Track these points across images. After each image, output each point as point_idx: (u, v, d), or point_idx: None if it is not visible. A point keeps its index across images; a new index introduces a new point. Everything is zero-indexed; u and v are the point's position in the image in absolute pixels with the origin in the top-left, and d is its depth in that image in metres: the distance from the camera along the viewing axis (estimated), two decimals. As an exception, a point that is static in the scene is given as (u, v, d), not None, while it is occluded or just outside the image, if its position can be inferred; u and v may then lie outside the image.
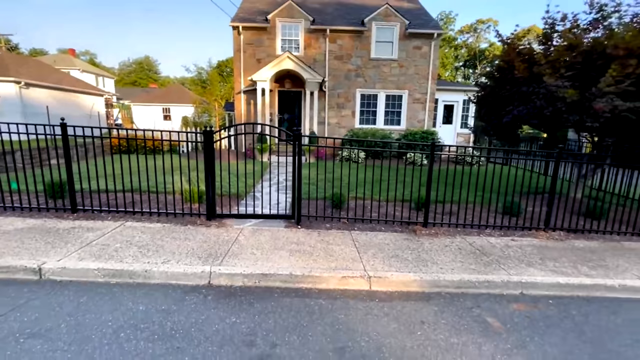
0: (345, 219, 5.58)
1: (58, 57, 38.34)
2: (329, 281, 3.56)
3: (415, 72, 14.45)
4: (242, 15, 14.21)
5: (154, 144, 6.19)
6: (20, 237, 4.14)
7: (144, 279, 3.45)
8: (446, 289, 3.60)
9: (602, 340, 2.86)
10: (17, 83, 15.45)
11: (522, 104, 6.10)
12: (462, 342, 2.71)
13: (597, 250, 4.85)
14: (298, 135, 4.98)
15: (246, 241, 4.44)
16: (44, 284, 3.31)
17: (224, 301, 3.16)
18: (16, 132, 5.10)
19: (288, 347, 2.54)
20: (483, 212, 5.87)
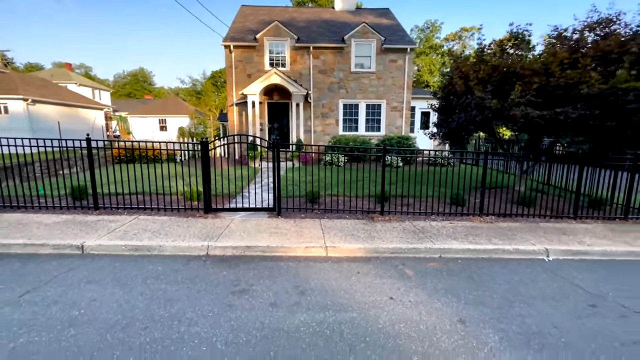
0: (317, 210, 6.85)
1: (55, 72, 39.52)
2: (296, 250, 4.82)
3: (392, 83, 15.90)
4: (232, 35, 15.61)
5: (154, 154, 7.45)
6: (60, 227, 5.36)
7: (158, 251, 4.69)
8: (383, 254, 4.87)
9: (482, 281, 4.13)
10: (25, 100, 16.64)
11: (462, 113, 7.46)
12: (382, 282, 3.97)
13: (515, 229, 6.15)
14: (276, 144, 6.28)
15: (236, 227, 5.69)
16: (86, 256, 4.53)
17: (218, 263, 4.40)
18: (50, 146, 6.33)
19: (261, 286, 3.79)
20: (435, 203, 7.19)
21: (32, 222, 5.57)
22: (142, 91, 70.18)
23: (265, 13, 18.43)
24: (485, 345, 2.81)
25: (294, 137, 15.17)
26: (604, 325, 3.20)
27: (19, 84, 17.59)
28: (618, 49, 6.26)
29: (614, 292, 3.90)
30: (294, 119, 15.25)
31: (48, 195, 7.26)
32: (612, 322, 3.26)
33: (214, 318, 3.10)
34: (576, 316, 3.35)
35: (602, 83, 5.99)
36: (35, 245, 4.65)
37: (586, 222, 6.72)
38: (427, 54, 50.45)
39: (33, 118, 17.09)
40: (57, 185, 7.23)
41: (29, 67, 61.59)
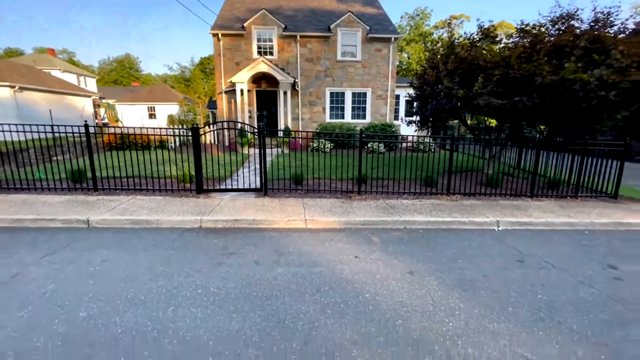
0: (301, 191, 7.51)
1: (37, 57, 38.55)
2: (279, 223, 5.49)
3: (377, 71, 16.43)
4: (220, 23, 15.82)
5: (147, 140, 7.94)
6: (64, 205, 5.90)
7: (156, 225, 5.30)
8: (355, 226, 5.58)
9: (436, 246, 4.88)
10: (12, 87, 16.64)
11: (434, 101, 8.13)
12: (350, 247, 4.68)
13: (475, 205, 6.93)
14: (262, 130, 6.86)
15: (225, 205, 6.32)
16: (91, 229, 5.12)
17: (210, 234, 5.04)
18: (44, 132, 6.78)
19: (247, 250, 4.45)
20: (409, 184, 7.92)
21: (37, 202, 6.10)
22: (129, 78, 68.85)
23: (253, 1, 18.56)
24: (424, 288, 3.55)
25: (282, 125, 15.67)
26: (523, 274, 3.97)
27: (5, 70, 17.51)
28: (570, 44, 6.96)
29: (542, 252, 4.70)
30: (282, 107, 15.72)
31: (48, 179, 7.72)
32: (531, 272, 4.04)
33: (207, 272, 3.77)
34: (504, 268, 4.12)
35: (554, 75, 6.70)
36: (45, 220, 5.21)
37: (541, 200, 7.55)
38: (417, 41, 50.53)
39: (20, 105, 17.12)
40: (53, 170, 7.69)
41: (8, 52, 59.60)
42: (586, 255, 4.65)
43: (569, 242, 5.21)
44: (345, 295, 3.34)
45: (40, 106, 18.16)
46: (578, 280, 3.84)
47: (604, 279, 3.91)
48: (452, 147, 7.52)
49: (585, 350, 2.61)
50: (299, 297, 3.26)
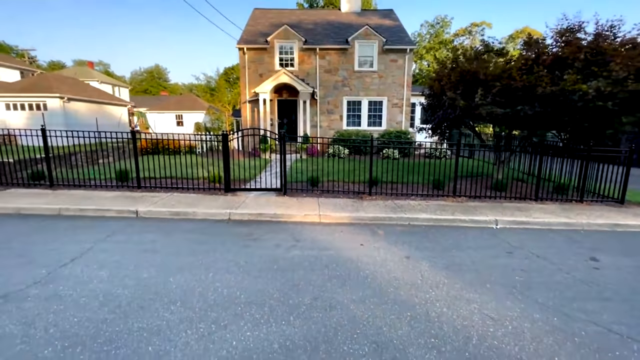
0: (317, 191, 8.28)
1: (78, 70, 41.85)
2: (296, 217, 6.27)
3: (393, 81, 17.09)
4: (246, 38, 17.07)
5: (176, 145, 8.93)
6: (115, 199, 6.95)
7: (192, 216, 6.21)
8: (363, 221, 6.27)
9: (434, 238, 5.48)
10: (61, 98, 18.53)
11: (440, 110, 8.73)
12: (357, 237, 5.38)
13: (479, 207, 7.44)
14: (282, 136, 7.72)
15: (250, 202, 7.18)
16: (140, 218, 6.10)
17: (237, 224, 5.89)
18: (90, 137, 7.94)
19: (269, 236, 5.25)
20: (418, 187, 8.52)
21: (94, 196, 7.20)
22: (157, 87, 72.76)
23: (275, 16, 19.80)
24: (417, 268, 4.20)
25: (302, 132, 16.59)
26: (508, 262, 4.53)
27: (55, 83, 19.52)
28: (572, 56, 7.42)
29: (532, 246, 5.21)
30: (301, 115, 16.66)
31: (98, 178, 8.91)
32: (516, 260, 4.59)
33: (236, 251, 4.58)
34: (493, 257, 4.69)
35: (554, 85, 7.17)
36: (102, 210, 6.25)
37: (545, 203, 7.93)
38: (437, 49, 50.60)
39: (67, 114, 19.00)
40: (100, 171, 8.86)
41: (51, 65, 64.69)
42: (573, 249, 5.12)
43: (561, 239, 5.67)
44: (349, 271, 4.05)
45: (84, 115, 20.03)
46: (557, 268, 4.36)
47: (582, 267, 4.40)
48: (457, 153, 8.08)
49: (543, 314, 3.18)
50: (310, 271, 4.01)
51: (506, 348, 2.65)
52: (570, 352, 2.62)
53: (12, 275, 3.64)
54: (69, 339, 2.61)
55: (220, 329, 2.79)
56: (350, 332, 2.79)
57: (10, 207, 6.23)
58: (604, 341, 2.78)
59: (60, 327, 2.75)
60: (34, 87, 18.75)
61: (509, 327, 2.95)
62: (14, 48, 52.51)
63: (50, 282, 3.50)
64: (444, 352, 2.57)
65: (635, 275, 4.17)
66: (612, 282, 3.94)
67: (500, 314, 3.16)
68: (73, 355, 2.43)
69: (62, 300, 3.16)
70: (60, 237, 4.93)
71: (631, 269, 4.37)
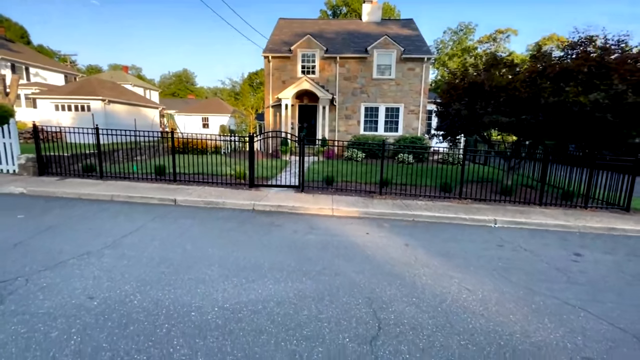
0: (331, 189, 9.06)
1: (114, 74, 44.83)
2: (312, 210, 7.08)
3: (410, 88, 17.70)
4: (271, 47, 18.21)
5: (205, 145, 9.98)
6: (156, 190, 8.02)
7: (222, 205, 7.16)
8: (371, 216, 6.99)
9: (434, 232, 6.13)
10: (103, 100, 20.35)
11: (448, 119, 9.34)
12: (364, 228, 6.12)
13: (482, 208, 7.98)
14: (301, 138, 8.59)
15: (271, 196, 8.06)
16: (178, 205, 7.10)
17: (260, 214, 6.77)
18: (146, 136, 9.09)
19: (288, 224, 6.08)
20: (427, 190, 9.14)
21: (138, 187, 8.32)
22: (185, 91, 76.12)
23: (299, 26, 20.89)
24: (413, 253, 4.90)
25: (320, 135, 17.46)
26: (497, 253, 5.13)
27: (98, 87, 21.43)
28: (576, 68, 7.88)
29: (523, 242, 5.77)
30: (320, 120, 17.55)
31: (138, 172, 10.10)
32: (504, 252, 5.18)
33: (260, 234, 5.44)
34: (484, 249, 5.30)
35: (557, 96, 7.65)
36: (146, 198, 7.31)
37: (548, 208, 8.36)
38: (460, 56, 50.33)
39: (108, 115, 20.79)
40: (139, 166, 10.04)
41: (89, 68, 69.28)
42: (561, 246, 5.64)
43: (554, 237, 6.18)
44: (354, 252, 4.81)
45: (121, 116, 21.82)
46: (539, 259, 4.93)
47: (563, 260, 4.95)
48: (464, 158, 8.66)
49: (512, 289, 3.82)
50: (322, 250, 4.80)
51: (473, 308, 3.33)
52: (525, 313, 3.27)
53: (88, 241, 4.65)
54: (140, 281, 3.52)
55: (249, 282, 3.63)
56: (349, 290, 3.56)
57: (74, 192, 7.41)
58: (557, 309, 3.40)
59: (133, 274, 3.68)
60: (80, 90, 20.66)
61: (479, 295, 3.61)
62: (57, 53, 56.83)
63: (117, 247, 4.48)
64: (421, 307, 3.28)
65: (610, 269, 4.68)
66: (585, 272, 4.49)
67: (475, 287, 3.82)
68: (145, 290, 3.33)
69: (129, 258, 4.11)
70: (116, 217, 5.97)
71: (609, 264, 4.87)
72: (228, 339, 2.64)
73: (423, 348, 2.66)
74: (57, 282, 3.43)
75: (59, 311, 2.91)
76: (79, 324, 2.74)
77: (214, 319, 2.91)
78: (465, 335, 2.87)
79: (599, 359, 2.63)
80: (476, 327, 3.00)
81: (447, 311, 3.24)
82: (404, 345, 2.68)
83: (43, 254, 4.08)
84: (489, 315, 3.22)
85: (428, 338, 2.79)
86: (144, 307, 3.04)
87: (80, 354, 2.39)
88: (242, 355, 2.46)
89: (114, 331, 2.68)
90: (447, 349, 2.67)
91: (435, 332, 2.89)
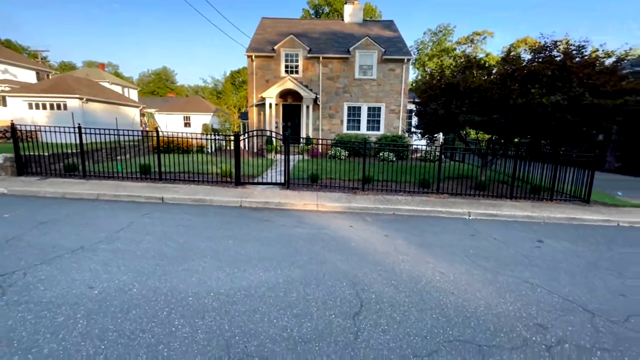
0: (316, 186, 9.37)
1: (90, 71, 43.36)
2: (298, 206, 7.37)
3: (391, 88, 18.24)
4: (254, 46, 18.30)
5: (189, 144, 10.07)
6: (143, 188, 8.08)
7: (210, 202, 7.33)
8: (354, 210, 7.35)
9: (412, 224, 6.55)
10: (80, 99, 19.81)
11: (426, 118, 9.85)
12: (348, 221, 6.46)
13: (458, 202, 8.50)
14: (286, 137, 8.84)
15: (258, 193, 8.29)
16: (166, 203, 7.22)
17: (248, 210, 6.99)
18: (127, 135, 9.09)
19: (276, 219, 6.35)
20: (407, 185, 9.60)
21: (123, 185, 8.35)
22: (165, 89, 74.36)
23: (283, 25, 21.05)
24: (393, 243, 5.28)
25: (304, 134, 17.72)
26: (469, 242, 5.59)
27: (74, 84, 20.83)
28: (541, 71, 8.51)
29: (493, 231, 6.27)
30: (304, 119, 17.81)
31: (122, 171, 10.06)
32: (475, 241, 5.65)
33: (251, 227, 5.69)
34: (458, 239, 5.75)
35: (523, 97, 8.26)
36: (133, 196, 7.38)
37: (518, 201, 8.98)
38: (439, 56, 51.59)
39: (86, 113, 20.25)
40: (122, 165, 10.02)
41: (62, 65, 66.53)
42: (527, 235, 6.18)
43: (521, 227, 6.73)
44: (339, 243, 5.14)
45: (100, 115, 21.30)
46: (507, 246, 5.42)
47: (527, 246, 5.46)
48: (441, 155, 9.17)
49: (480, 272, 4.25)
50: (309, 242, 5.10)
51: (445, 288, 3.73)
52: (490, 290, 3.69)
53: (81, 236, 4.76)
54: (136, 272, 3.71)
55: (241, 271, 3.88)
56: (334, 276, 3.88)
57: (58, 191, 7.38)
58: (517, 287, 3.85)
59: (129, 266, 3.86)
60: (56, 88, 20.03)
61: (451, 277, 4.02)
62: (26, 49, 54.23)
63: (111, 242, 4.62)
64: (398, 288, 3.65)
65: (567, 254, 5.22)
66: (544, 257, 5.00)
67: (448, 271, 4.23)
68: (142, 280, 3.53)
69: (123, 252, 4.27)
70: (106, 214, 6.06)
71: (565, 249, 5.42)
72: (225, 318, 2.91)
73: (400, 321, 3.01)
74: (55, 274, 3.57)
75: (61, 300, 3.08)
76: (82, 310, 2.93)
77: (211, 302, 3.16)
78: (437, 309, 3.25)
79: (548, 325, 3.07)
80: (447, 303, 3.39)
81: (422, 291, 3.62)
82: (383, 319, 3.02)
83: (37, 250, 4.18)
84: (458, 293, 3.61)
85: (404, 313, 3.15)
86: (143, 295, 3.25)
87: (88, 335, 2.59)
88: (239, 331, 2.73)
89: (117, 315, 2.88)
90: (421, 321, 3.03)
91: (411, 307, 3.25)
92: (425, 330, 2.89)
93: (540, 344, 2.76)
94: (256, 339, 2.65)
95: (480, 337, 2.83)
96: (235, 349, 2.52)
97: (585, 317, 3.24)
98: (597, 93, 7.94)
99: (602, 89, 7.92)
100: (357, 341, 2.69)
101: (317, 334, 2.75)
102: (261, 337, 2.68)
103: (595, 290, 3.87)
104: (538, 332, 2.93)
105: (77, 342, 2.51)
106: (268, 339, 2.66)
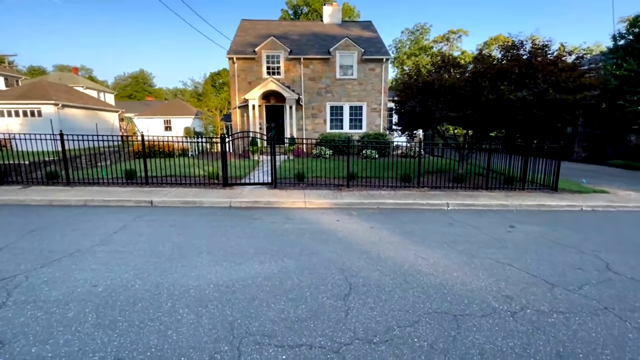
0: (303, 184, 9.66)
1: (62, 75, 41.88)
2: (286, 204, 7.64)
3: (372, 88, 18.72)
4: (235, 48, 18.37)
5: (172, 148, 10.14)
6: (130, 193, 8.13)
7: (199, 204, 7.49)
8: (341, 206, 7.69)
9: (395, 216, 6.94)
10: (56, 105, 19.28)
11: (405, 115, 10.31)
12: (335, 216, 6.79)
13: (438, 194, 8.98)
14: (271, 137, 9.09)
15: (247, 193, 8.49)
16: (155, 207, 7.32)
17: (238, 209, 7.20)
18: (109, 141, 9.09)
19: (266, 217, 6.59)
20: (390, 181, 10.02)
21: (110, 191, 8.36)
22: (142, 92, 72.54)
23: (263, 27, 21.19)
24: (377, 233, 5.64)
25: (288, 135, 17.96)
26: (447, 230, 6.03)
27: (50, 90, 20.24)
28: (510, 69, 9.10)
29: (470, 219, 6.75)
30: (288, 119, 18.04)
31: (107, 177, 10.02)
32: (453, 229, 6.09)
33: (242, 226, 5.91)
34: (437, 227, 6.18)
35: (494, 94, 8.82)
36: (122, 200, 7.45)
37: (493, 191, 9.57)
38: (417, 55, 52.73)
39: (62, 120, 19.72)
40: (106, 171, 9.98)
41: (31, 70, 63.77)
42: (500, 222, 6.69)
43: (496, 215, 7.25)
44: (327, 236, 5.46)
45: (77, 120, 20.78)
46: (482, 232, 5.89)
47: (500, 232, 5.95)
48: (420, 151, 9.64)
49: (457, 255, 4.67)
50: (299, 236, 5.39)
51: (425, 270, 4.11)
52: (465, 271, 4.10)
53: (76, 240, 4.87)
54: (137, 270, 3.90)
55: (238, 265, 4.14)
56: (325, 265, 4.19)
57: (44, 199, 7.35)
58: (489, 266, 4.28)
59: (129, 265, 4.04)
60: (29, 94, 19.43)
61: (431, 261, 4.41)
62: (-8, 54, 51.70)
63: (107, 244, 4.76)
64: (384, 272, 4.00)
65: (535, 237, 5.73)
66: (515, 240, 5.49)
67: (428, 255, 4.63)
68: (144, 277, 3.73)
69: (121, 253, 4.43)
70: (97, 219, 6.14)
71: (535, 233, 5.94)
72: (226, 305, 3.16)
73: (385, 299, 3.35)
74: (57, 276, 3.71)
75: (68, 297, 3.25)
76: (90, 305, 3.11)
77: (212, 293, 3.40)
78: (418, 289, 3.61)
79: (514, 296, 3.48)
80: (427, 283, 3.76)
81: (405, 274, 3.98)
82: (370, 299, 3.35)
83: (34, 255, 4.29)
84: (437, 274, 4.00)
85: (389, 293, 3.50)
86: (147, 289, 3.45)
87: (100, 325, 2.79)
88: (240, 315, 3.00)
89: (125, 308, 3.09)
90: (404, 299, 3.38)
91: (395, 288, 3.60)
92: (407, 306, 3.25)
93: (507, 311, 3.17)
94: (257, 320, 2.93)
95: (456, 308, 3.21)
96: (239, 330, 2.79)
97: (546, 287, 3.69)
98: (560, 89, 8.59)
99: (564, 84, 8.58)
100: (347, 317, 3.01)
101: (311, 314, 3.05)
102: (261, 319, 2.96)
103: (557, 266, 4.35)
104: (505, 302, 3.34)
105: (90, 332, 2.71)
106: (268, 320, 2.93)
